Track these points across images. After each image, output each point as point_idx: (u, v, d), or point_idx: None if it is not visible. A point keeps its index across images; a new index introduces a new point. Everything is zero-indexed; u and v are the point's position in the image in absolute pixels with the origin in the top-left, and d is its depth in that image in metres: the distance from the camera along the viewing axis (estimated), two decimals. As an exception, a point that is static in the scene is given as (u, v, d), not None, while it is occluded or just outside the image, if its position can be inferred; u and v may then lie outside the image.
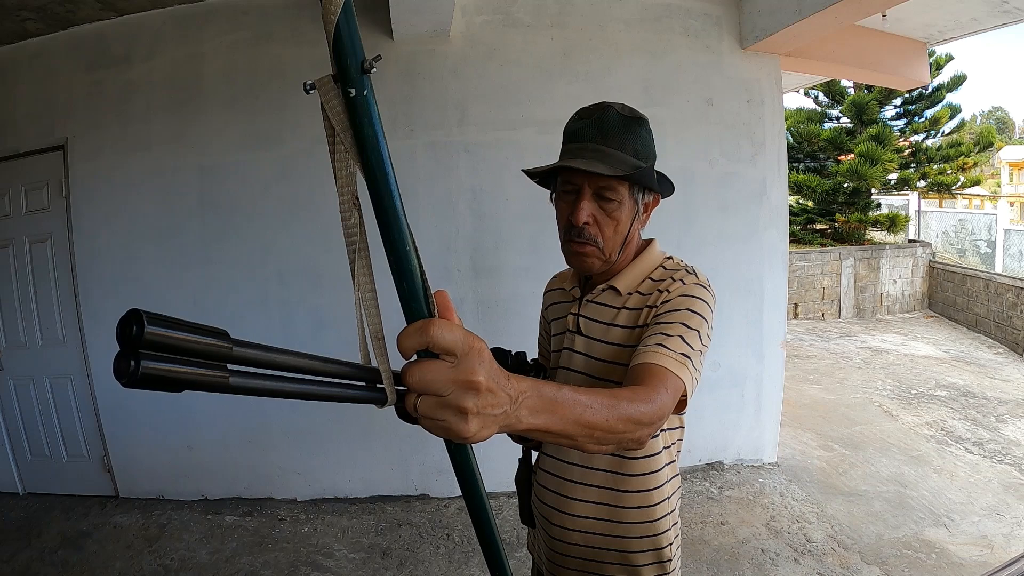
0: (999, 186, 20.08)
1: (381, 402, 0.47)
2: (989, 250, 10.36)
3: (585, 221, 0.91)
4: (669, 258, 1.00)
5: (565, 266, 1.20)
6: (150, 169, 2.90)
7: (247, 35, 2.84)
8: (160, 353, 0.34)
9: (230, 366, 0.38)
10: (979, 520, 2.76)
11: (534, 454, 1.12)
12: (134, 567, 2.51)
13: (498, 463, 3.03)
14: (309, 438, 3.01)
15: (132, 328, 0.34)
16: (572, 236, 0.93)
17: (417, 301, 0.51)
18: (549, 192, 1.03)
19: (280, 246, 2.89)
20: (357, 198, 0.50)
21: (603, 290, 0.99)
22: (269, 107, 2.83)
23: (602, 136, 0.90)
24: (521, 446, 1.10)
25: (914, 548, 2.53)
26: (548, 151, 1.94)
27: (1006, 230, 10.70)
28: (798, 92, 7.70)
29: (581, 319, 1.00)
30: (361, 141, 0.48)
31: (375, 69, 0.47)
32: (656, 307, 0.91)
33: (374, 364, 0.48)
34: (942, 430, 3.93)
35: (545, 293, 1.20)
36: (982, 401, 4.55)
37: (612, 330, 0.96)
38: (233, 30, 2.84)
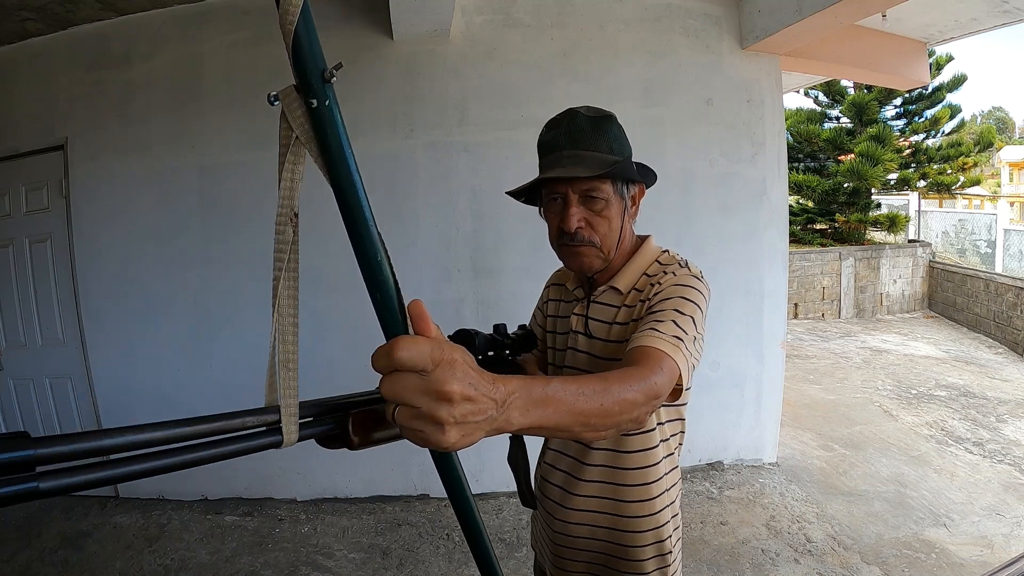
0: (999, 186, 20.08)
1: (278, 444, 0.44)
2: (989, 250, 10.37)
3: (577, 226, 0.92)
4: (665, 251, 1.01)
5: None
6: (150, 169, 2.90)
7: (247, 35, 2.84)
8: None
9: (40, 468, 0.33)
10: (979, 520, 2.76)
11: (534, 443, 1.13)
12: (134, 567, 2.51)
13: (497, 464, 3.04)
14: (309, 438, 3.01)
15: None
16: (565, 241, 0.94)
17: (391, 312, 0.50)
18: (537, 207, 1.03)
19: (280, 246, 2.88)
20: (296, 214, 0.48)
21: (604, 290, 1.00)
22: (269, 107, 2.81)
23: (574, 141, 0.92)
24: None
25: (914, 548, 2.53)
26: (548, 151, 1.94)
27: (1006, 230, 10.71)
28: (798, 92, 7.70)
29: (585, 319, 1.02)
30: (327, 152, 0.47)
31: (335, 78, 0.45)
32: (649, 299, 0.92)
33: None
34: (942, 430, 3.93)
35: (547, 287, 1.20)
36: (982, 401, 4.55)
37: (614, 328, 0.98)
38: (233, 30, 2.84)
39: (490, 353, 0.94)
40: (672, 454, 1.02)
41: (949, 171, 9.53)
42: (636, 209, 1.00)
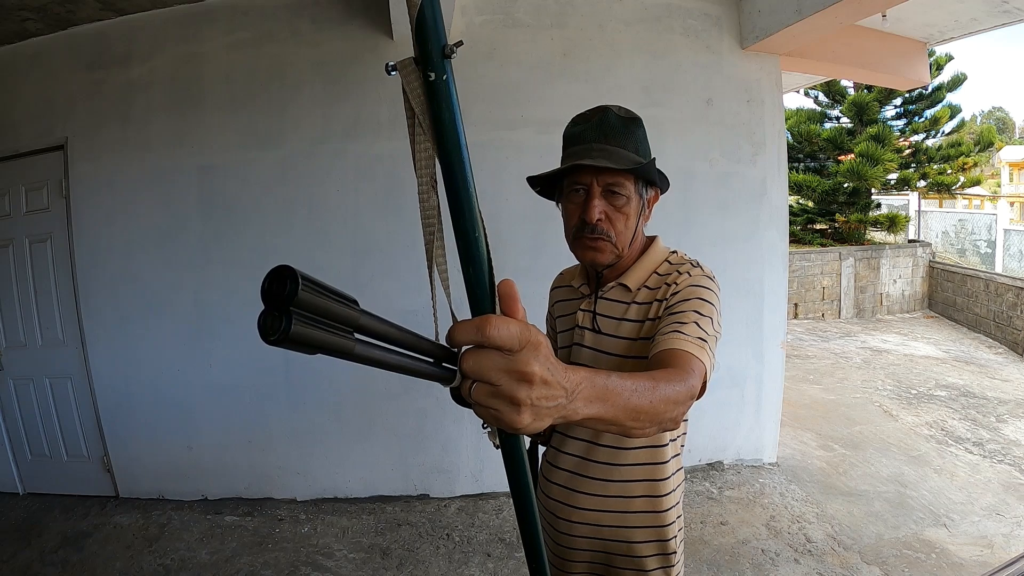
0: (999, 186, 20.08)
1: (448, 381, 0.47)
2: (989, 250, 10.37)
3: (598, 218, 0.94)
4: (674, 252, 1.04)
5: (564, 266, 1.20)
6: (150, 169, 2.90)
7: (247, 35, 2.84)
8: (307, 313, 0.33)
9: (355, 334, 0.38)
10: (979, 520, 2.76)
11: (540, 449, 1.13)
12: (134, 567, 2.51)
13: (498, 464, 3.04)
14: (309, 438, 3.01)
15: (285, 285, 0.32)
16: (585, 233, 0.95)
17: (482, 288, 0.51)
18: (555, 198, 1.04)
19: (280, 246, 2.88)
20: (436, 181, 0.50)
21: (613, 287, 1.02)
22: (269, 107, 2.83)
23: (604, 136, 0.94)
24: (529, 439, 1.11)
25: (914, 548, 2.53)
26: (548, 151, 1.93)
27: (1006, 230, 10.72)
28: (798, 92, 7.70)
29: (592, 315, 1.03)
30: (439, 125, 0.49)
31: (456, 54, 0.47)
32: (666, 299, 0.94)
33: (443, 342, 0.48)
34: (942, 430, 3.93)
35: (552, 290, 1.21)
36: (982, 401, 4.55)
37: (623, 325, 0.99)
38: (233, 30, 2.84)
39: None
40: (679, 454, 1.03)
41: (949, 171, 9.54)
42: (649, 213, 1.02)
